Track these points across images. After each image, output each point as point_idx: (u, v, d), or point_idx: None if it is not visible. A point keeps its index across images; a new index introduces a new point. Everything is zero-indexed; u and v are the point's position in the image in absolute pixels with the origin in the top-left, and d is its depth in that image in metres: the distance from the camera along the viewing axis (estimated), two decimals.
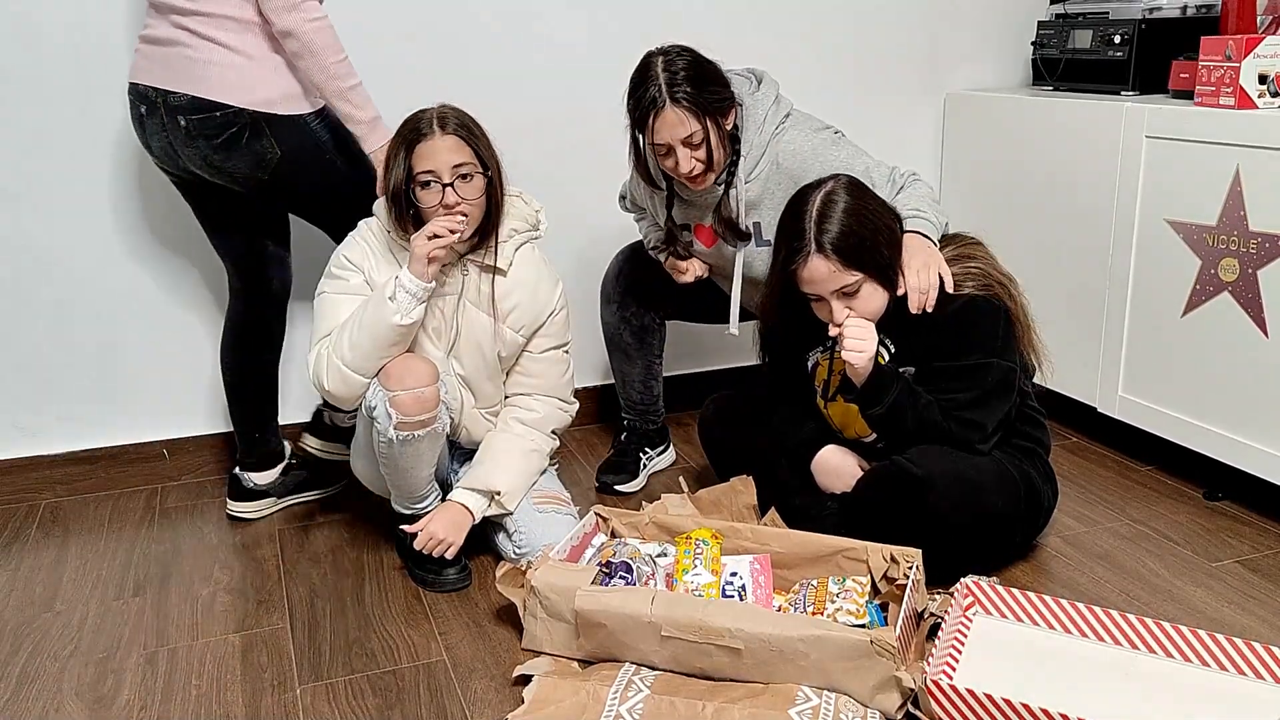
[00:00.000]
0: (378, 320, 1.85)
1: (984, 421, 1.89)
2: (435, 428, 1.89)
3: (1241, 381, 2.15)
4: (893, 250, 1.89)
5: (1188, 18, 2.53)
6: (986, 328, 1.89)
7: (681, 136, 2.00)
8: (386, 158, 1.93)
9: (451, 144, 1.89)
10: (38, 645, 1.84)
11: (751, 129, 2.10)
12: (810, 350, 2.07)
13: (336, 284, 1.97)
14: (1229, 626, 1.81)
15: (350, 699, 1.66)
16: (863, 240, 1.84)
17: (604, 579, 1.75)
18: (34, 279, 2.35)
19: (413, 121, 1.91)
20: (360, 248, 1.98)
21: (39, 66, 2.25)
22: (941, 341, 1.90)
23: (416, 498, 2.00)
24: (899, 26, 2.89)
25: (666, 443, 2.56)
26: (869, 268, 1.85)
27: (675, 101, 1.97)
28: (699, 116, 1.99)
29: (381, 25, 2.45)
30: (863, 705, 1.54)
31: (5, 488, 2.41)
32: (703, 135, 2.01)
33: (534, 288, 2.04)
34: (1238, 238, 2.11)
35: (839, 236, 1.83)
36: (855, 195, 1.87)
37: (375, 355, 1.88)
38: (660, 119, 1.99)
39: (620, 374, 2.47)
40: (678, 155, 2.02)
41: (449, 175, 1.88)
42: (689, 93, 1.98)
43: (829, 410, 2.05)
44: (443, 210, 1.88)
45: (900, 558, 1.77)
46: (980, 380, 1.89)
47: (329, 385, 1.92)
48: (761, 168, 2.12)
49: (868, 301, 1.88)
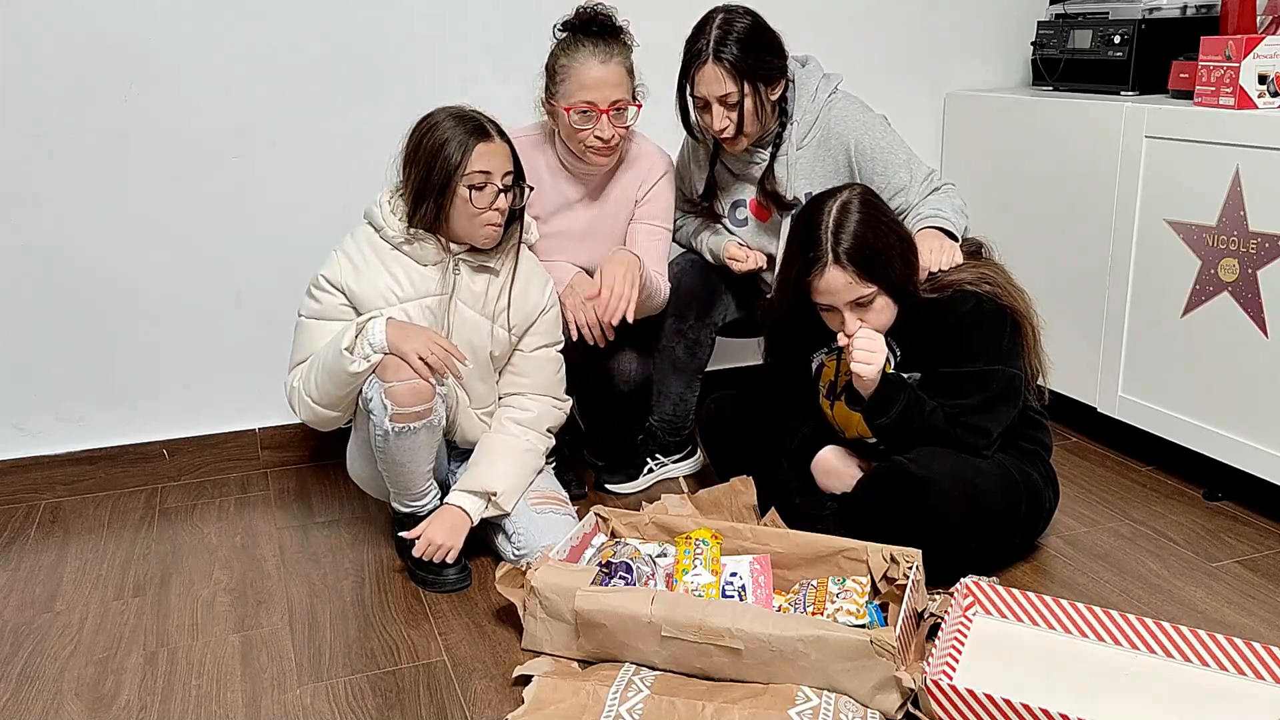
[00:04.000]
0: (336, 369, 1.86)
1: (988, 427, 1.89)
2: (431, 420, 1.89)
3: (1241, 381, 2.15)
4: (906, 265, 1.88)
5: (1188, 18, 2.53)
6: (993, 334, 1.89)
7: (718, 94, 2.08)
8: (422, 151, 1.89)
9: (506, 150, 1.92)
10: (38, 645, 1.84)
11: (804, 98, 2.18)
12: (815, 350, 2.07)
13: (312, 307, 1.98)
14: (1229, 626, 1.81)
15: (350, 699, 1.66)
16: (878, 252, 1.83)
17: (604, 579, 1.75)
18: (33, 279, 2.35)
19: (458, 119, 1.89)
20: (339, 265, 1.97)
21: (37, 65, 2.25)
22: (948, 346, 1.90)
23: (415, 495, 2.00)
24: (899, 26, 2.89)
25: (689, 451, 2.49)
26: (882, 280, 1.85)
27: (718, 59, 2.05)
28: (737, 79, 2.06)
29: (386, 27, 2.46)
30: (863, 705, 1.54)
31: (5, 488, 2.41)
32: (738, 98, 2.07)
33: (524, 287, 2.05)
34: (1237, 238, 2.11)
35: (854, 248, 1.82)
36: (870, 207, 1.87)
37: (339, 395, 1.91)
38: (701, 73, 2.08)
39: (659, 386, 2.37)
40: (713, 112, 2.10)
41: (501, 181, 1.90)
42: (735, 55, 2.05)
43: (832, 411, 2.05)
44: (491, 212, 1.89)
45: (900, 558, 1.77)
46: (985, 386, 1.88)
47: (302, 417, 1.98)
48: (813, 135, 2.19)
49: (880, 314, 1.88)
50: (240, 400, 2.56)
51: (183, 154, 2.38)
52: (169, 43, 2.32)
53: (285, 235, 2.48)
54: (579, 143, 2.13)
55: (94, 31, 2.27)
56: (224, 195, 2.43)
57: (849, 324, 1.87)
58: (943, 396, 1.89)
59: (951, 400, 1.89)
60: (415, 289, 1.96)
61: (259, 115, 2.41)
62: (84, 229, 2.36)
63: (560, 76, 2.11)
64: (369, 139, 2.45)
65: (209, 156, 2.40)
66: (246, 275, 2.49)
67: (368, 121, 2.47)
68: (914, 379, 1.93)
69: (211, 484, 2.52)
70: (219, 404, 2.54)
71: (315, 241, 2.34)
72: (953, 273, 1.91)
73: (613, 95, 2.09)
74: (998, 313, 1.89)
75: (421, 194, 1.90)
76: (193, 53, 2.34)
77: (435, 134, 1.89)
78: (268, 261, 2.49)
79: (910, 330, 1.93)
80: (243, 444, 2.57)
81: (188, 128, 2.37)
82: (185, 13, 2.31)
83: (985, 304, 1.89)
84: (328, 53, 2.43)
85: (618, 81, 2.10)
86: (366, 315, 1.89)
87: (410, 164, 1.92)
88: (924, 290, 1.91)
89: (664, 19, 2.32)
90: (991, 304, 1.89)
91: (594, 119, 2.10)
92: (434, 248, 1.96)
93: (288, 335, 2.29)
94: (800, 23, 2.57)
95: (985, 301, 1.89)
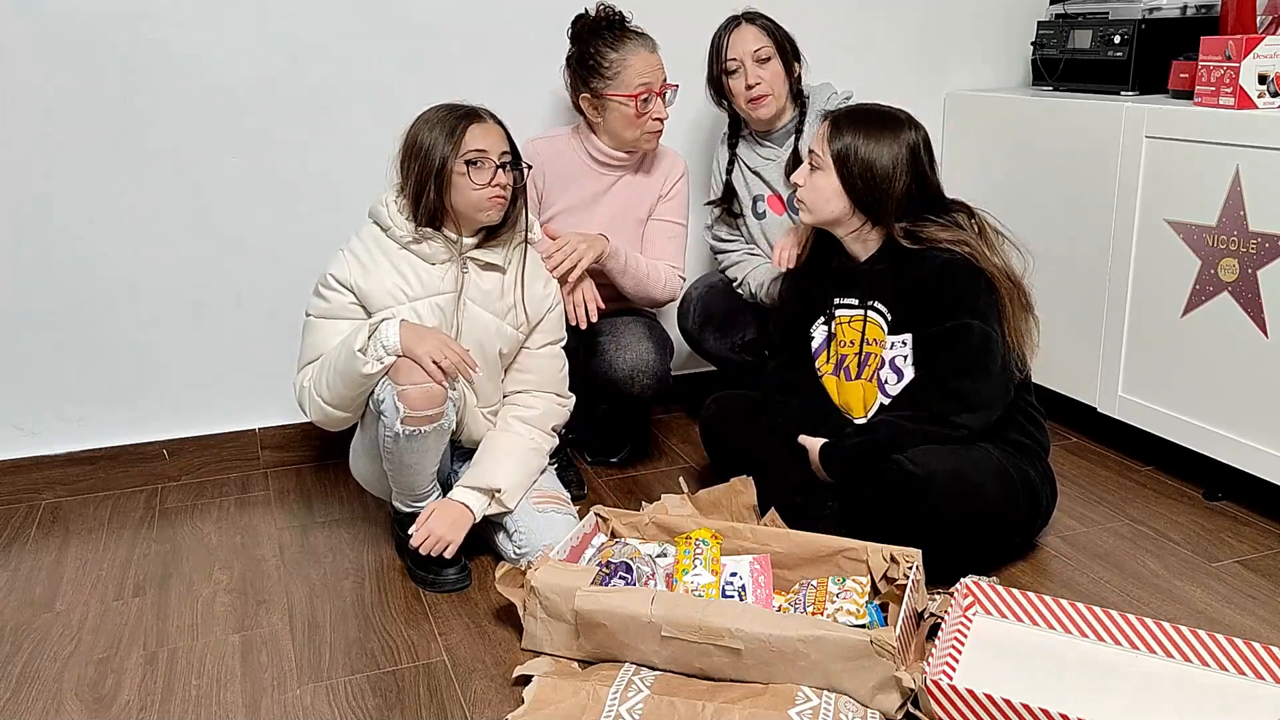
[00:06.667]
0: (349, 370, 1.86)
1: (965, 391, 1.90)
2: (441, 424, 1.89)
3: (1241, 381, 2.15)
4: (887, 191, 1.93)
5: (1188, 18, 2.53)
6: (966, 289, 1.92)
7: (752, 49, 2.31)
8: (418, 144, 1.91)
9: (501, 132, 1.95)
10: (38, 645, 1.84)
11: (818, 103, 2.41)
12: (815, 322, 2.10)
13: (320, 306, 1.98)
14: (1229, 626, 1.81)
15: (350, 699, 1.66)
16: (870, 163, 1.93)
17: (604, 579, 1.75)
18: (33, 279, 2.35)
19: (448, 109, 1.94)
20: (348, 264, 1.97)
21: (38, 65, 2.25)
22: (928, 303, 1.93)
23: (418, 495, 2.00)
24: (899, 26, 2.89)
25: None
26: (859, 193, 1.95)
27: (751, 20, 2.35)
28: (771, 36, 2.33)
29: (388, 25, 2.46)
30: (863, 705, 1.54)
31: (5, 488, 2.41)
32: (771, 52, 2.32)
33: (531, 284, 2.06)
34: (1237, 238, 2.11)
35: (845, 150, 1.94)
36: (910, 149, 1.94)
37: (350, 396, 1.91)
38: (735, 34, 2.33)
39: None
40: (746, 69, 2.31)
41: (499, 158, 1.92)
42: (766, 20, 2.35)
43: (836, 389, 2.07)
44: (492, 188, 1.90)
45: (900, 558, 1.77)
46: (963, 341, 1.90)
47: (312, 417, 1.99)
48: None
49: (820, 182, 1.98)
50: (240, 400, 2.56)
51: (183, 154, 2.38)
52: (169, 42, 2.32)
53: (285, 235, 2.48)
54: (637, 129, 2.29)
55: (95, 31, 2.27)
56: (224, 195, 2.43)
57: (797, 174, 2.02)
58: (928, 358, 1.93)
59: (933, 362, 1.92)
60: (424, 287, 1.96)
61: (259, 115, 2.41)
62: (84, 229, 2.36)
63: (612, 70, 2.25)
64: (369, 139, 2.45)
65: (209, 156, 2.40)
66: (247, 275, 2.49)
67: (368, 122, 2.47)
68: (906, 340, 1.97)
69: (211, 484, 2.52)
70: (219, 404, 2.54)
71: (315, 241, 2.34)
72: (934, 230, 1.94)
73: (662, 76, 2.29)
74: (969, 268, 1.92)
75: (421, 182, 1.90)
76: (193, 52, 2.34)
77: (429, 123, 1.92)
78: (268, 261, 2.49)
79: (893, 288, 1.97)
80: (243, 444, 2.57)
81: (188, 128, 2.37)
82: (186, 12, 2.31)
83: (958, 259, 1.92)
84: (327, 54, 2.43)
85: (661, 65, 2.30)
86: (379, 316, 1.89)
87: (408, 157, 1.94)
88: (900, 235, 1.95)
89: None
90: (965, 261, 1.92)
91: (653, 101, 2.28)
92: (442, 246, 1.96)
93: (288, 335, 2.30)
94: (800, 23, 2.57)
95: (957, 257, 1.92)
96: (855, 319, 2.03)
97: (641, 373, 2.25)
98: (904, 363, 1.97)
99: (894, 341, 1.98)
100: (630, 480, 2.47)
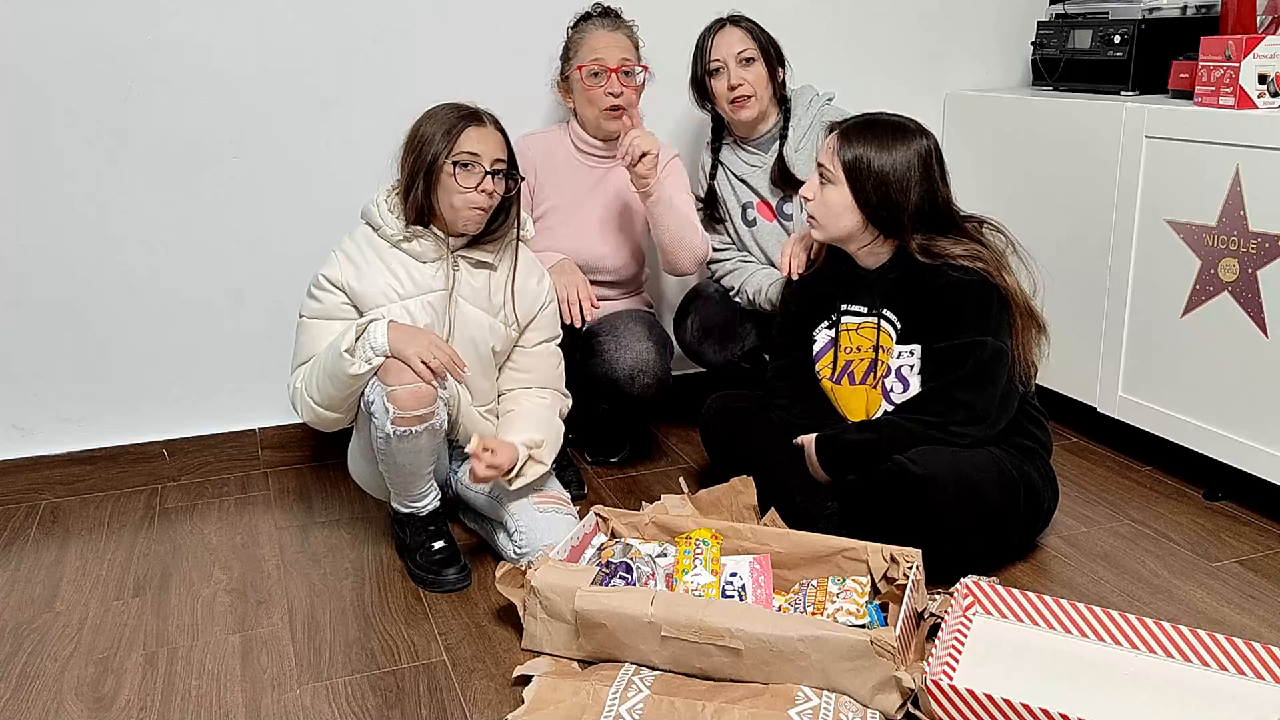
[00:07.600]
0: (337, 371, 1.86)
1: (971, 402, 1.89)
2: (433, 424, 1.89)
3: (1241, 381, 2.15)
4: (901, 203, 1.90)
5: (1187, 18, 2.53)
6: (979, 306, 1.91)
7: (736, 51, 2.31)
8: (417, 137, 1.92)
9: (500, 139, 1.95)
10: (38, 645, 1.84)
11: (800, 108, 2.41)
12: (818, 326, 2.09)
13: (313, 307, 1.98)
14: (1229, 626, 1.81)
15: (350, 699, 1.66)
16: (883, 175, 1.90)
17: (604, 579, 1.75)
18: (33, 279, 2.35)
19: (454, 107, 1.94)
20: (339, 264, 1.97)
21: (37, 65, 2.25)
22: (938, 317, 1.93)
23: (415, 495, 2.00)
24: (899, 26, 2.89)
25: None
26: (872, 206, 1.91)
27: (735, 23, 2.35)
28: (755, 38, 2.33)
29: (390, 24, 2.46)
30: (863, 705, 1.54)
31: (5, 488, 2.41)
32: (755, 54, 2.32)
33: (524, 281, 2.06)
34: (1237, 238, 2.11)
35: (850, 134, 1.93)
36: (921, 155, 1.93)
37: (340, 397, 1.91)
38: (720, 35, 2.33)
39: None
40: (729, 70, 2.31)
41: (490, 165, 1.91)
42: (751, 23, 2.35)
43: (834, 394, 2.07)
44: (477, 194, 1.90)
45: (900, 558, 1.77)
46: (974, 356, 1.90)
47: (304, 418, 1.99)
48: (808, 138, 2.39)
49: (832, 196, 1.94)
50: (240, 400, 2.56)
51: (183, 154, 2.38)
52: (169, 42, 2.32)
53: (285, 235, 2.48)
54: (593, 105, 2.30)
55: (94, 31, 2.27)
56: (224, 195, 2.43)
57: (806, 188, 1.98)
58: (938, 372, 1.92)
59: (941, 375, 1.91)
60: (416, 286, 1.97)
61: (259, 115, 2.41)
62: (84, 229, 2.36)
63: (572, 50, 2.33)
64: (369, 139, 2.45)
65: (209, 156, 2.40)
66: (246, 275, 2.49)
67: (368, 121, 2.47)
68: (915, 351, 1.95)
69: (211, 484, 2.52)
70: (219, 404, 2.54)
71: (315, 241, 2.34)
72: (947, 245, 1.93)
73: (621, 54, 2.29)
74: (983, 285, 1.91)
75: (413, 176, 1.91)
76: (193, 52, 2.34)
77: (432, 119, 1.93)
78: (268, 261, 2.49)
79: (905, 299, 1.96)
80: (243, 444, 2.58)
81: (188, 127, 2.37)
82: (185, 12, 2.31)
83: (971, 275, 1.91)
84: (328, 53, 2.43)
85: (624, 46, 2.30)
86: (367, 317, 1.89)
87: (406, 150, 1.95)
88: (916, 249, 1.93)
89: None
90: (978, 276, 1.90)
91: (605, 77, 2.28)
92: (433, 244, 1.96)
93: (288, 335, 2.30)
94: (801, 23, 2.58)
95: (971, 274, 1.91)
96: (864, 325, 2.02)
97: (642, 372, 2.24)
98: (910, 372, 1.97)
99: (901, 351, 1.97)
100: (630, 480, 2.47)
